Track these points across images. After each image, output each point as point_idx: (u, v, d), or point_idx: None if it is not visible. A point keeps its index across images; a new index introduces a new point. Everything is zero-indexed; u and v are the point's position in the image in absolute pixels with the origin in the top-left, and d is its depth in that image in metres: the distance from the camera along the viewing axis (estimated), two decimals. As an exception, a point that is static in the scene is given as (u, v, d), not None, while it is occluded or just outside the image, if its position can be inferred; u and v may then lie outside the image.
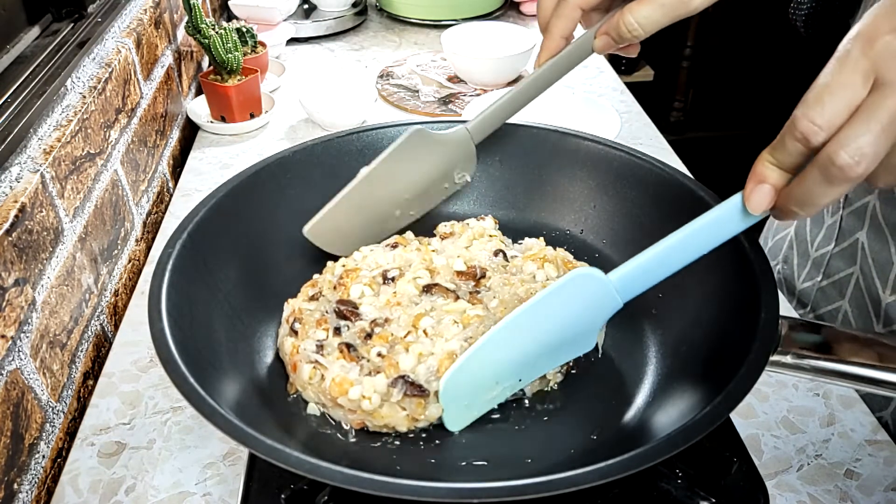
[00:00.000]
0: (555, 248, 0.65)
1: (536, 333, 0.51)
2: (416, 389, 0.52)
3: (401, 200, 0.67)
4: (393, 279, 0.61)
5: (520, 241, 0.68)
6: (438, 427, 0.55)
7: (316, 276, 0.65)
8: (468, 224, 0.68)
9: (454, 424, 0.54)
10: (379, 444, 0.54)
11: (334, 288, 0.61)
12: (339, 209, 0.65)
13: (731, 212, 0.46)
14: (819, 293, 0.79)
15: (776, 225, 0.89)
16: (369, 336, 0.56)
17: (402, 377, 0.52)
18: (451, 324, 0.56)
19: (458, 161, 0.67)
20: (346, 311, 0.58)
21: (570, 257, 0.65)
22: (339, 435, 0.54)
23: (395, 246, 0.65)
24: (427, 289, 0.60)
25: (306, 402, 0.56)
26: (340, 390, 0.53)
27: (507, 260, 0.64)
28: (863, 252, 0.72)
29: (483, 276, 0.61)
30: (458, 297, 0.59)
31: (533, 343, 0.52)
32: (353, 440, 0.54)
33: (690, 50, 2.30)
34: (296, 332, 0.58)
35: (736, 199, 0.45)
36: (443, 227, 0.69)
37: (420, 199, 0.68)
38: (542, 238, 0.67)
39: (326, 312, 0.59)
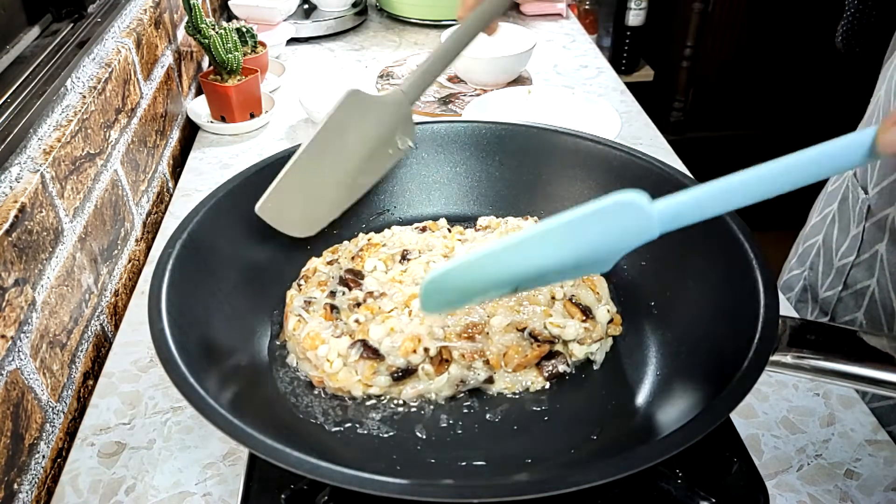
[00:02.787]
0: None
1: (553, 253, 0.45)
2: (370, 352, 0.55)
3: (349, 168, 0.66)
4: (409, 259, 0.64)
5: None
6: (438, 427, 0.55)
7: (346, 243, 0.68)
8: (507, 221, 0.69)
9: (428, 308, 0.50)
10: (379, 443, 0.54)
11: (352, 258, 0.65)
12: (289, 183, 0.62)
13: (846, 148, 0.38)
14: (839, 303, 0.78)
15: (807, 231, 0.89)
16: (358, 305, 0.60)
17: (363, 341, 0.56)
18: None
19: (396, 124, 0.67)
20: (350, 279, 0.62)
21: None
22: (340, 435, 0.54)
23: (424, 229, 0.68)
24: None
25: (289, 353, 0.60)
26: (311, 345, 0.57)
27: None
28: (881, 264, 0.71)
29: None
30: None
31: (545, 260, 0.45)
32: (353, 439, 0.54)
33: (690, 50, 2.31)
34: (299, 287, 0.63)
35: (860, 136, 0.38)
36: (482, 221, 0.70)
37: (367, 167, 0.68)
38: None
39: (332, 277, 0.63)
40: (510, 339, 0.57)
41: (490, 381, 0.57)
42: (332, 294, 0.61)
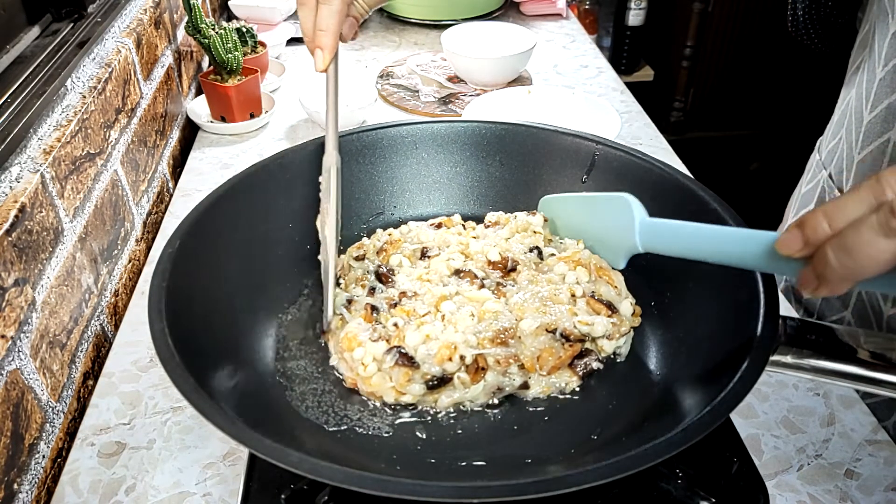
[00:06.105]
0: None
1: (583, 215, 0.66)
2: (406, 360, 0.55)
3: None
4: (429, 256, 0.64)
5: (562, 241, 0.69)
6: (438, 427, 0.55)
7: (364, 239, 0.69)
8: (515, 216, 0.69)
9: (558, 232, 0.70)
10: (379, 443, 0.54)
11: (378, 253, 0.66)
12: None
13: (756, 244, 0.44)
14: (824, 303, 0.78)
15: None
16: (395, 305, 0.60)
17: (398, 347, 0.56)
18: (468, 315, 0.58)
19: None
20: (384, 275, 0.64)
21: (605, 264, 0.65)
22: (340, 435, 0.54)
23: (439, 226, 0.69)
24: (457, 272, 0.63)
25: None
26: (348, 345, 0.57)
27: (540, 258, 0.65)
28: None
29: (514, 269, 0.63)
30: (483, 286, 0.62)
31: (582, 218, 0.66)
32: (353, 439, 0.54)
33: (690, 50, 2.31)
34: (338, 284, 0.64)
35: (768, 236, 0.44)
36: (490, 216, 0.71)
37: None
38: (580, 241, 0.67)
39: (367, 272, 0.65)
40: (542, 341, 0.57)
41: (525, 386, 0.57)
42: (372, 290, 0.62)
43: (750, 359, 0.46)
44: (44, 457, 0.61)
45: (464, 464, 0.52)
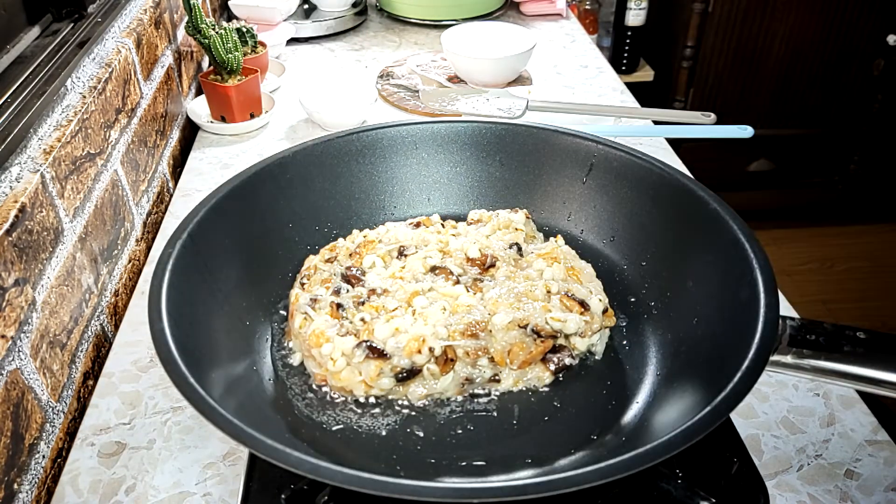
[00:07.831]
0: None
1: None
2: (376, 353, 0.55)
3: None
4: (406, 255, 0.64)
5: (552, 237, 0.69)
6: (438, 427, 0.55)
7: (340, 240, 0.68)
8: (497, 214, 0.69)
9: None
10: (379, 443, 0.54)
11: (350, 255, 0.65)
12: None
13: None
14: None
15: None
16: (363, 303, 0.60)
17: (367, 341, 0.56)
18: (440, 309, 0.58)
19: None
20: (352, 276, 0.62)
21: (576, 263, 0.65)
22: (340, 435, 0.54)
23: (418, 225, 0.68)
24: (433, 269, 0.63)
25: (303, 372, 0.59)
26: (315, 342, 0.57)
27: (520, 254, 0.65)
28: None
29: (492, 266, 0.63)
30: (458, 282, 0.61)
31: None
32: (353, 439, 0.54)
33: (690, 50, 2.31)
34: (303, 286, 0.63)
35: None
36: (473, 214, 0.71)
37: None
38: (559, 237, 0.68)
39: (335, 275, 0.63)
40: (513, 336, 0.57)
41: (496, 380, 0.57)
42: (337, 291, 0.62)
43: (750, 359, 0.46)
44: (44, 457, 0.61)
45: (464, 464, 0.52)
